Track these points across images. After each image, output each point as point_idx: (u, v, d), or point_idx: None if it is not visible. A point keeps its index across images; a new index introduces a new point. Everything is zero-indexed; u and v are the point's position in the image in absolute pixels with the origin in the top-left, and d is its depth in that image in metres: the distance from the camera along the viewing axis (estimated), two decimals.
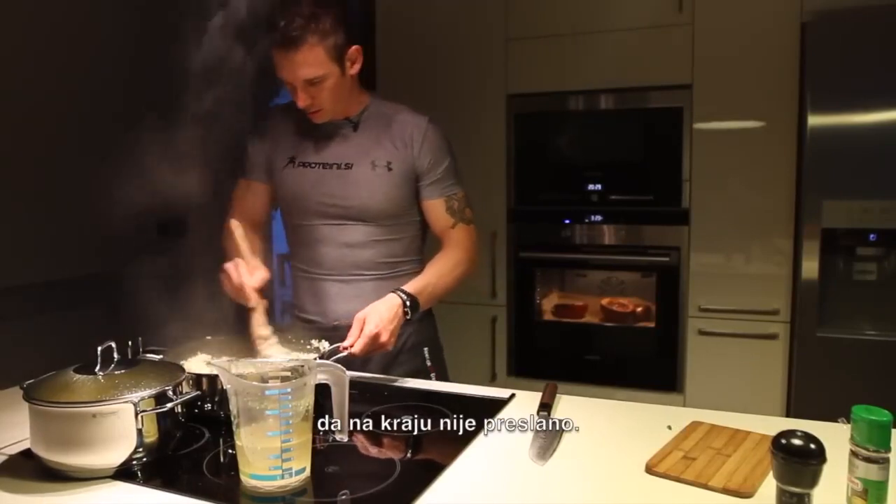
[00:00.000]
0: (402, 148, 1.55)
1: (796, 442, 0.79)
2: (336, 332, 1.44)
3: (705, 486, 0.94)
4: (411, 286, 1.48)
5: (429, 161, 1.56)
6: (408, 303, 1.43)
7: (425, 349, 1.64)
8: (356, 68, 1.52)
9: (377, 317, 1.37)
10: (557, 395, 1.28)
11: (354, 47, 1.50)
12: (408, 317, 1.44)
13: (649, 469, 0.99)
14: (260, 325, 1.37)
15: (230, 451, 1.06)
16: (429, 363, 1.63)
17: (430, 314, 1.69)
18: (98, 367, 1.03)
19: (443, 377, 1.65)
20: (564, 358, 2.69)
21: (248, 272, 1.38)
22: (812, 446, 0.79)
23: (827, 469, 0.79)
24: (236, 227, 1.43)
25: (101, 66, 2.44)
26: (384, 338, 1.36)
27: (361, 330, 1.36)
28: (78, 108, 2.38)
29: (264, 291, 1.40)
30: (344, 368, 1.03)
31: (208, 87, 1.36)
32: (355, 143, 1.57)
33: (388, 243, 1.58)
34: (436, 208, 1.59)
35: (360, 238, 1.57)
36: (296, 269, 1.67)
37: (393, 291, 1.45)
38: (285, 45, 1.41)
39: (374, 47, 2.93)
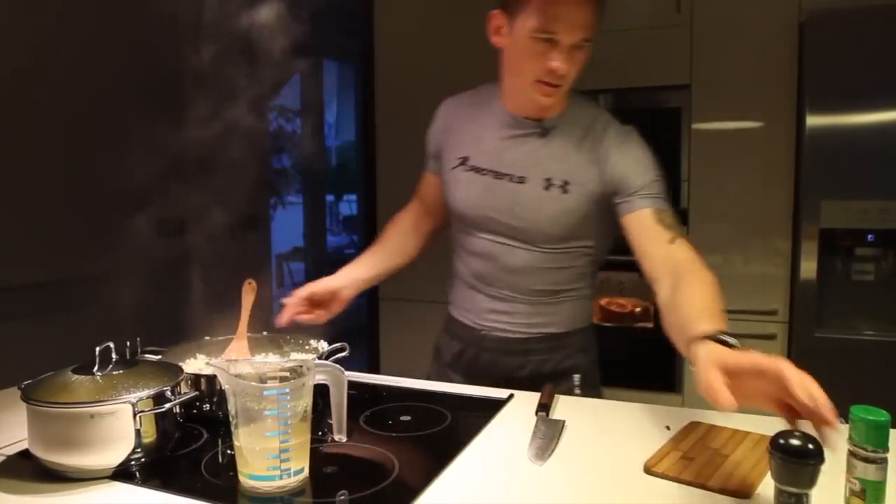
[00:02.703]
0: (589, 165, 1.33)
1: (794, 442, 0.79)
2: (483, 342, 1.44)
3: (703, 487, 0.94)
4: (706, 323, 0.97)
5: (624, 177, 1.30)
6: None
7: (575, 376, 1.45)
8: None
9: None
10: (556, 395, 1.28)
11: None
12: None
13: (647, 469, 0.99)
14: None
15: (228, 451, 1.06)
16: (577, 392, 1.44)
17: (592, 337, 1.53)
18: (96, 368, 1.03)
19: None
20: None
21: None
22: (810, 446, 0.79)
23: (825, 469, 0.79)
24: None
25: (104, 65, 2.44)
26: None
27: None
28: (77, 108, 2.37)
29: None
30: (342, 369, 1.03)
31: (216, 87, 1.35)
32: (536, 153, 1.36)
33: (552, 272, 1.40)
34: (643, 221, 1.28)
35: (521, 262, 1.39)
36: (454, 263, 1.54)
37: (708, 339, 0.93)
38: None
39: (372, 48, 2.94)
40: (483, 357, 1.48)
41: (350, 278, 1.51)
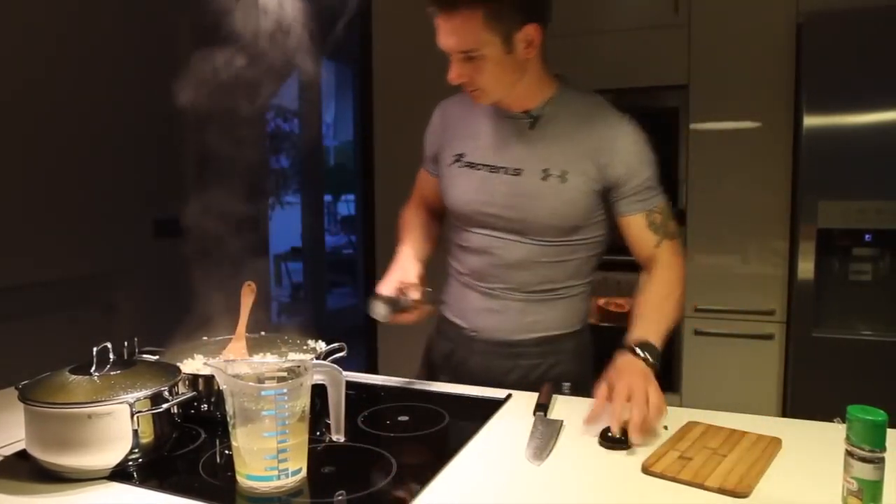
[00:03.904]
0: (587, 155, 1.33)
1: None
2: (474, 343, 1.43)
3: (701, 487, 0.94)
4: (639, 332, 1.27)
5: (623, 172, 1.33)
6: (650, 359, 1.22)
7: (565, 384, 1.40)
8: (531, 51, 1.31)
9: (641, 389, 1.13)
10: (554, 395, 1.28)
11: (530, 26, 1.28)
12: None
13: (645, 469, 0.99)
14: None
15: (226, 451, 1.06)
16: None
17: (587, 341, 1.53)
18: (94, 368, 1.03)
19: None
20: None
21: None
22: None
23: (823, 468, 0.79)
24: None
25: (105, 66, 2.43)
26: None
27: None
28: (77, 110, 2.37)
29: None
30: (340, 369, 1.03)
31: (215, 88, 1.35)
32: (529, 144, 1.36)
33: (550, 266, 1.39)
34: (634, 225, 1.36)
35: (518, 257, 1.38)
36: (449, 263, 1.53)
37: (627, 350, 1.24)
38: (441, 6, 1.26)
39: (370, 48, 2.94)
40: (472, 360, 1.46)
41: (419, 265, 1.42)
